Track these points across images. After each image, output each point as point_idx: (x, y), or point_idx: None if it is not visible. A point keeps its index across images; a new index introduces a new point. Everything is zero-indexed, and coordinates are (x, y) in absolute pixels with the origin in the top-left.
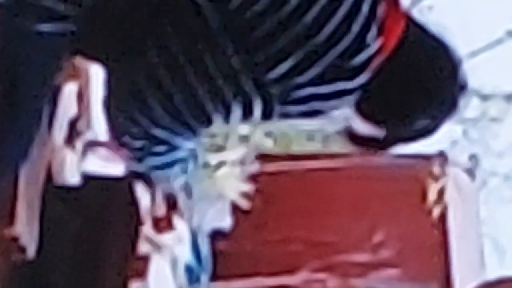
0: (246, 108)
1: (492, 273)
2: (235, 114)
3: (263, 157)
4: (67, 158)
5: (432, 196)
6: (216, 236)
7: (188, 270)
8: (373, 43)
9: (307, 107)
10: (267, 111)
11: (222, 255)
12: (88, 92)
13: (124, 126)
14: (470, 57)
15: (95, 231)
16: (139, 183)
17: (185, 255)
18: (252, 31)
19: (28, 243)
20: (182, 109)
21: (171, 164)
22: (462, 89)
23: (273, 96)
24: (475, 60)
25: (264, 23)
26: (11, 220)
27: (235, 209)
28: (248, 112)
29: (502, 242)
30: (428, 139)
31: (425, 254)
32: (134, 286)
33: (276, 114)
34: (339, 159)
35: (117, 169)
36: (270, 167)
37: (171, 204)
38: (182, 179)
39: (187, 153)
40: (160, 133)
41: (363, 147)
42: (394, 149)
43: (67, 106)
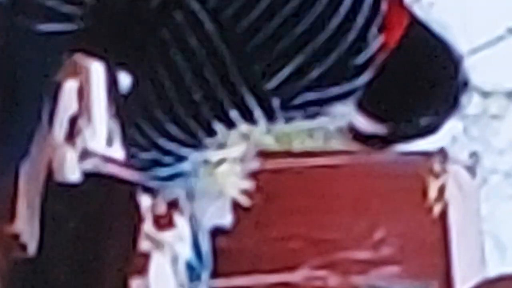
0: (248, 117)
1: (492, 270)
2: (237, 123)
3: (264, 154)
4: (68, 155)
5: (432, 193)
6: (216, 233)
7: (189, 267)
8: (376, 40)
9: (311, 111)
10: (270, 118)
11: (222, 252)
12: (88, 89)
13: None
14: (471, 54)
15: (95, 228)
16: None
17: (185, 253)
18: (248, 41)
19: (29, 240)
20: (184, 118)
21: (177, 176)
22: (464, 86)
23: (274, 105)
24: (476, 57)
25: (260, 31)
26: (12, 218)
27: (236, 206)
28: (250, 121)
29: (502, 239)
30: (431, 136)
31: (425, 251)
32: (135, 284)
33: (281, 120)
34: (339, 156)
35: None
36: (270, 164)
37: (172, 201)
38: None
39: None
40: (166, 143)
41: (366, 145)
42: (397, 146)
43: (68, 103)
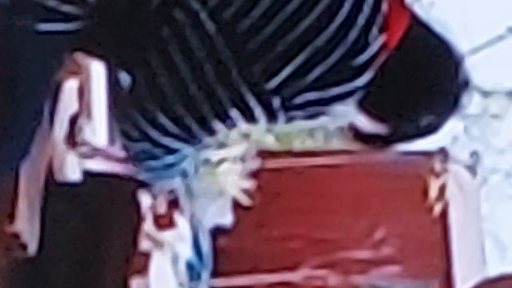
0: (248, 117)
1: (493, 269)
2: (238, 123)
3: (264, 153)
4: (68, 155)
5: (433, 193)
6: (217, 232)
7: (189, 267)
8: (376, 40)
9: (312, 110)
10: (270, 118)
11: (223, 252)
12: (89, 89)
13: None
14: (471, 53)
15: (96, 227)
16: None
17: (186, 252)
18: (248, 41)
19: (29, 240)
20: (184, 117)
21: (169, 167)
22: (465, 86)
23: (274, 104)
24: (476, 57)
25: (260, 31)
26: (12, 218)
27: (236, 205)
28: (251, 120)
29: (503, 238)
30: (432, 136)
31: (426, 251)
32: (135, 283)
33: (281, 119)
34: (340, 156)
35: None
36: (271, 163)
37: (172, 201)
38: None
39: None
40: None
41: (366, 145)
42: (398, 146)
43: (68, 102)
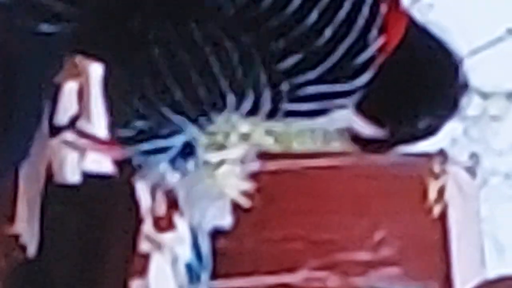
0: (256, 100)
1: (492, 271)
2: (244, 106)
3: (264, 155)
4: (67, 156)
5: (432, 194)
6: (216, 234)
7: (189, 269)
8: (375, 42)
9: (311, 106)
10: (273, 107)
11: (222, 254)
12: (88, 91)
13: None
14: (471, 55)
15: (95, 229)
16: (138, 181)
17: (185, 254)
18: (265, 22)
19: (29, 241)
20: (196, 86)
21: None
22: (464, 88)
23: (282, 91)
24: (476, 58)
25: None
26: (12, 218)
27: (236, 207)
28: (256, 106)
29: (502, 240)
30: (431, 139)
31: (425, 253)
32: (135, 285)
33: (281, 112)
34: (340, 157)
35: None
36: (270, 165)
37: (172, 203)
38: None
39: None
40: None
41: (366, 149)
42: (397, 149)
43: (68, 104)
